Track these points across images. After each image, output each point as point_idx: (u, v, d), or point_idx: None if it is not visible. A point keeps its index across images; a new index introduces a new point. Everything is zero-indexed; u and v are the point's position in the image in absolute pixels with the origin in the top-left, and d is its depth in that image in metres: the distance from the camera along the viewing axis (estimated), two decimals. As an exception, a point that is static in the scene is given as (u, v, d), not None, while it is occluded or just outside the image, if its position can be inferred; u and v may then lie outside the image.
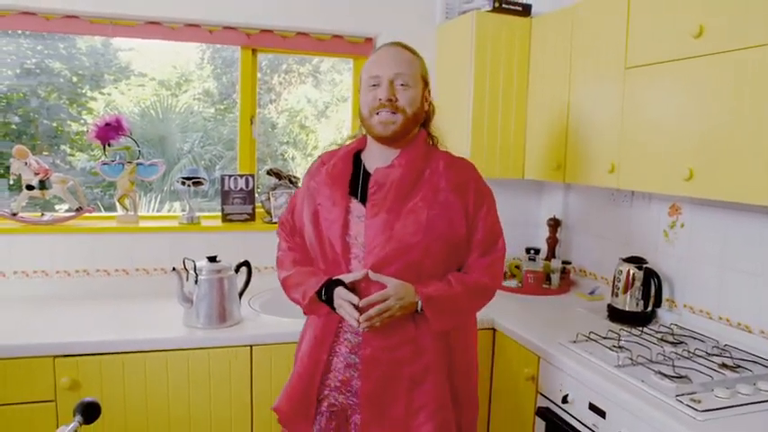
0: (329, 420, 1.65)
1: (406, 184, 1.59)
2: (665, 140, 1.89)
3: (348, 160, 1.69)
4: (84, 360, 1.97)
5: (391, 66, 1.60)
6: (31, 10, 2.52)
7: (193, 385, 2.07)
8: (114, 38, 2.68)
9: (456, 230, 1.60)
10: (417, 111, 1.63)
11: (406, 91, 1.60)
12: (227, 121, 6.56)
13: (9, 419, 1.91)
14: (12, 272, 2.52)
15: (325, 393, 1.65)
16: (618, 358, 1.86)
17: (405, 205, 1.58)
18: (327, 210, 1.65)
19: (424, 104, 1.67)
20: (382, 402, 1.59)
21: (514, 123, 2.61)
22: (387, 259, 1.55)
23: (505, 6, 2.52)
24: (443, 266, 1.62)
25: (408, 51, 1.66)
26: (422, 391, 1.59)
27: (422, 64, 1.67)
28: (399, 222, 1.56)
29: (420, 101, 1.63)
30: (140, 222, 2.68)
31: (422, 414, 1.58)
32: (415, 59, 1.65)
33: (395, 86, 1.59)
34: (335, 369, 1.64)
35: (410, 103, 1.60)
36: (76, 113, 5.92)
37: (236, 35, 2.74)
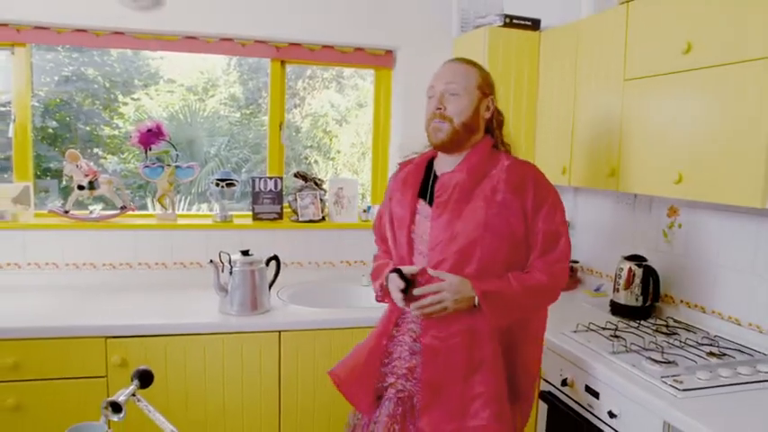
0: (396, 406, 1.76)
1: (468, 187, 1.71)
2: (658, 147, 2.06)
3: (421, 166, 1.86)
4: (131, 341, 2.21)
5: (444, 78, 1.76)
6: (84, 27, 2.77)
7: (227, 366, 2.29)
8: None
9: (514, 229, 1.69)
10: (468, 120, 1.74)
11: (456, 100, 1.72)
12: (253, 125, 6.77)
13: (67, 392, 2.16)
14: (64, 264, 2.78)
15: (393, 381, 1.79)
16: (613, 346, 2.04)
17: (466, 206, 1.70)
18: (398, 211, 1.83)
19: (483, 113, 1.79)
20: (440, 388, 1.69)
21: (524, 130, 2.80)
22: (448, 255, 1.69)
23: (516, 22, 2.71)
24: (504, 265, 1.71)
25: (465, 64, 1.80)
26: (478, 381, 1.67)
27: (480, 75, 1.79)
28: (460, 222, 1.68)
29: (472, 110, 1.74)
30: (178, 220, 2.92)
31: (477, 402, 1.66)
32: (471, 71, 1.78)
33: (445, 97, 1.74)
34: (402, 357, 1.78)
35: (458, 112, 1.72)
36: (109, 118, 6.20)
37: (267, 48, 2.97)
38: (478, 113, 1.77)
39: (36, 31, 2.77)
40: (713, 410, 1.60)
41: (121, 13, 2.75)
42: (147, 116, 6.00)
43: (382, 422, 1.77)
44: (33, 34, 2.77)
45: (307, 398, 2.38)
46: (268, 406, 2.36)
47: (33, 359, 2.14)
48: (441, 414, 1.68)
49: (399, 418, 1.75)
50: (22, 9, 2.68)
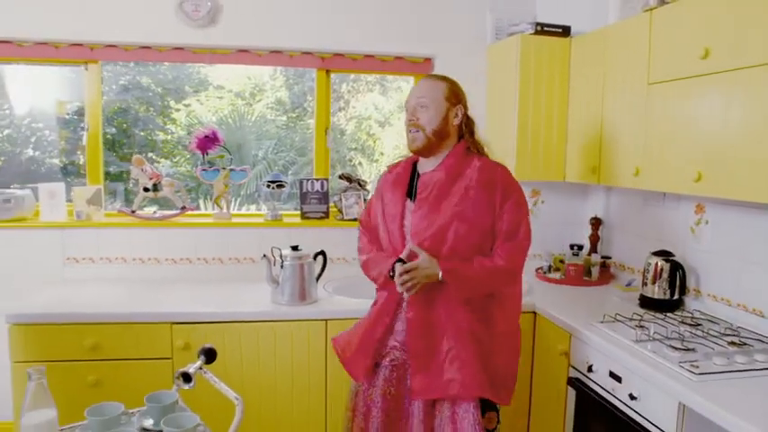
0: (391, 371, 2.07)
1: (445, 184, 1.99)
2: (678, 147, 2.18)
3: (407, 168, 2.14)
4: (193, 327, 2.45)
5: (415, 93, 2.05)
6: (148, 44, 3.05)
7: (278, 351, 2.52)
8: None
9: (483, 219, 1.97)
10: (438, 127, 2.00)
11: (425, 111, 2.00)
12: (299, 128, 7.00)
13: (136, 371, 2.42)
14: (131, 258, 3.06)
15: (388, 351, 2.08)
16: (636, 334, 2.17)
17: (443, 201, 1.98)
18: (390, 207, 2.11)
19: (452, 120, 2.03)
20: (425, 355, 1.98)
21: (556, 132, 2.93)
22: (425, 238, 1.97)
23: (546, 29, 2.85)
24: (474, 249, 1.98)
25: (434, 80, 2.07)
26: (455, 348, 1.95)
27: (447, 88, 2.04)
28: (437, 213, 1.97)
29: (441, 118, 2.00)
30: (232, 219, 3.17)
31: (454, 365, 1.94)
32: (438, 85, 2.04)
33: (417, 109, 2.01)
34: (396, 332, 2.06)
35: (428, 121, 1.99)
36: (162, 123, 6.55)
37: (313, 59, 3.20)
38: (447, 121, 2.02)
39: (106, 49, 3.07)
40: (727, 393, 1.71)
41: (181, 31, 3.02)
42: (197, 121, 6.33)
43: (379, 386, 2.08)
44: (104, 52, 3.07)
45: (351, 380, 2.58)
46: (316, 387, 2.57)
47: (109, 341, 2.42)
48: (425, 376, 1.97)
49: (395, 382, 2.07)
50: (94, 30, 2.97)
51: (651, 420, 1.91)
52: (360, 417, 2.13)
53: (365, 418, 2.11)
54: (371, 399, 2.10)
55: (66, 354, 2.38)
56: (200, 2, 2.99)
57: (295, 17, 3.08)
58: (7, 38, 2.97)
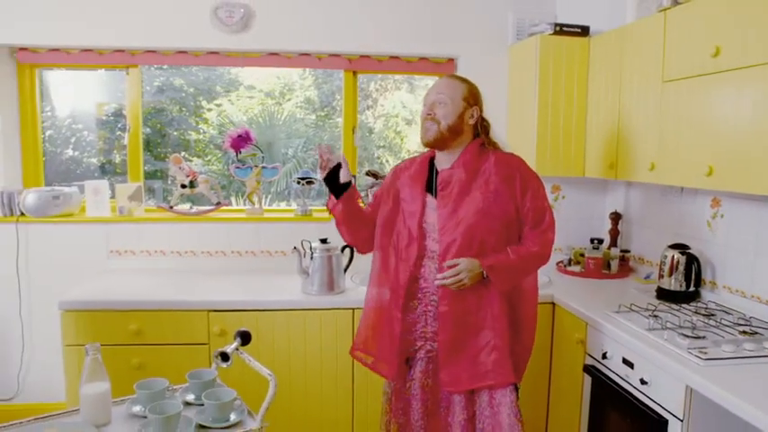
0: (428, 363, 2.15)
1: (466, 181, 2.08)
2: (691, 143, 2.26)
3: (424, 165, 2.21)
4: (228, 315, 2.62)
5: (436, 89, 2.15)
6: (185, 49, 3.23)
7: (308, 337, 2.67)
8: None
9: (507, 211, 2.07)
10: (454, 123, 2.09)
11: (443, 107, 2.09)
12: (328, 126, 7.13)
13: (175, 355, 2.59)
14: (169, 251, 3.26)
15: (422, 344, 2.16)
16: (649, 323, 2.26)
17: (466, 197, 2.07)
18: (408, 203, 2.17)
19: (467, 119, 2.12)
20: (456, 348, 2.07)
21: (575, 129, 3.02)
22: (457, 236, 2.05)
23: (565, 30, 2.94)
24: (503, 240, 2.08)
25: (455, 80, 2.17)
26: (486, 333, 2.07)
27: (466, 89, 2.13)
28: (462, 210, 2.06)
29: (456, 116, 2.09)
30: (264, 214, 3.33)
31: (492, 356, 2.05)
32: (459, 85, 2.13)
33: (435, 105, 2.11)
34: (427, 323, 2.14)
35: (444, 115, 2.08)
36: (195, 123, 6.75)
37: (340, 61, 3.34)
38: (463, 119, 2.11)
39: (146, 54, 3.26)
40: (734, 378, 1.79)
41: (215, 36, 3.19)
42: (228, 120, 6.51)
43: (417, 378, 2.17)
44: (144, 57, 3.26)
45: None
46: (343, 371, 2.72)
47: (151, 327, 2.60)
48: (457, 367, 2.07)
49: (431, 373, 2.16)
50: (134, 36, 3.17)
51: (661, 404, 2.01)
52: (399, 413, 2.22)
53: (404, 413, 2.21)
54: (410, 392, 2.18)
55: (112, 338, 2.57)
56: (234, 8, 3.15)
57: (323, 21, 3.23)
58: (56, 46, 3.18)
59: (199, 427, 1.65)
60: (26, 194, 3.12)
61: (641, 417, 2.09)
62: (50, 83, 3.58)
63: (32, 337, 3.19)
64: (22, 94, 3.30)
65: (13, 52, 3.23)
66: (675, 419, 1.93)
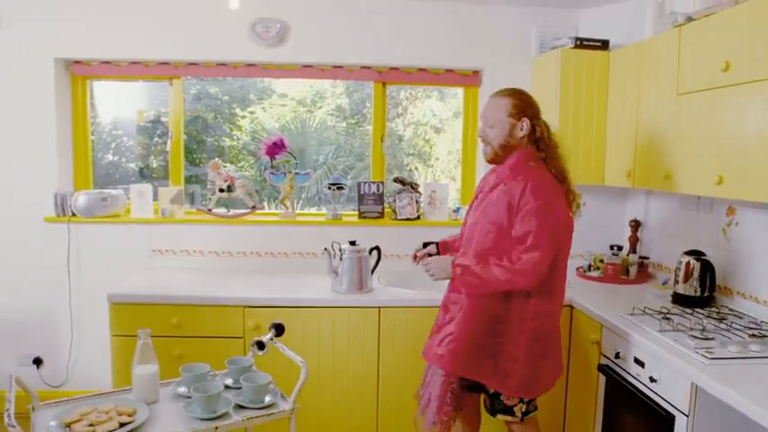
0: None
1: (487, 189, 2.30)
2: (702, 153, 2.37)
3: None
4: (262, 310, 2.80)
5: (483, 113, 2.36)
6: (224, 62, 3.45)
7: (337, 333, 2.83)
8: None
9: (501, 217, 2.19)
10: (504, 141, 2.26)
11: (491, 131, 2.29)
12: (358, 134, 7.28)
13: (212, 347, 2.78)
14: (207, 251, 3.46)
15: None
16: (661, 325, 2.36)
17: (483, 201, 2.29)
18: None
19: (516, 133, 2.25)
20: (437, 325, 2.42)
21: (595, 138, 3.14)
22: (470, 239, 2.33)
23: (585, 43, 3.07)
24: (499, 248, 2.20)
25: (499, 97, 2.32)
26: (450, 326, 2.31)
27: (511, 104, 2.26)
28: (478, 212, 2.31)
29: (505, 134, 2.26)
30: (297, 218, 3.52)
31: (448, 338, 2.29)
32: (502, 102, 2.28)
33: (484, 129, 2.31)
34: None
35: (494, 137, 2.28)
36: (229, 130, 6.98)
37: (370, 73, 3.52)
38: (512, 135, 2.26)
39: (189, 66, 3.48)
40: (737, 376, 1.89)
41: (253, 50, 3.40)
42: (261, 127, 6.72)
43: None
44: (187, 69, 3.49)
45: (400, 361, 2.88)
46: (368, 365, 2.87)
47: (191, 321, 2.80)
48: (431, 341, 2.40)
49: None
50: (177, 50, 3.40)
51: (668, 400, 2.11)
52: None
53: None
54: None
55: (155, 330, 2.69)
56: (270, 24, 3.35)
57: (354, 35, 3.41)
58: (108, 59, 3.43)
59: (237, 407, 1.82)
60: (77, 196, 3.36)
61: (650, 413, 2.20)
62: (96, 91, 3.82)
63: (80, 328, 3.42)
64: (75, 103, 3.55)
65: (69, 65, 3.49)
66: (682, 415, 2.04)
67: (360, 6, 3.40)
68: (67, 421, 1.66)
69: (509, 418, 2.35)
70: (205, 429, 1.71)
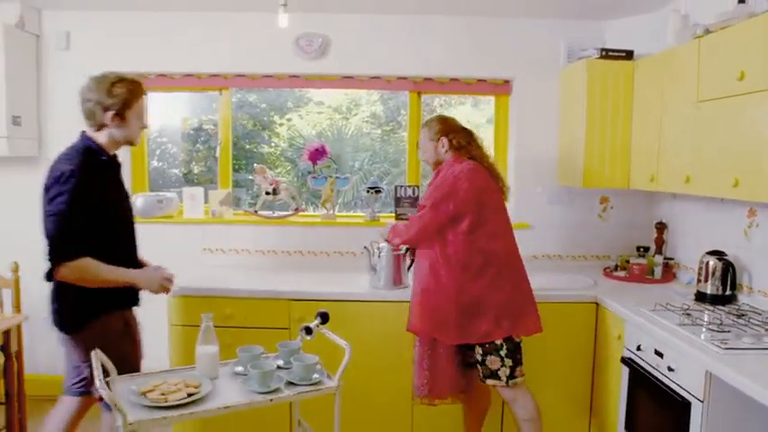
0: None
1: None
2: (720, 157, 2.51)
3: None
4: (306, 304, 3.02)
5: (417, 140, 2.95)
6: (270, 74, 3.71)
7: (375, 325, 3.04)
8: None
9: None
10: (431, 158, 2.84)
11: (422, 153, 2.89)
12: (393, 140, 7.45)
13: (261, 338, 2.93)
14: (254, 250, 3.72)
15: None
16: (680, 319, 2.51)
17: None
18: None
19: (440, 149, 2.79)
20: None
21: (620, 144, 3.28)
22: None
23: (611, 54, 3.22)
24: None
25: (424, 128, 2.89)
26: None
27: (429, 130, 2.83)
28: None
29: (432, 152, 2.81)
30: (337, 219, 3.74)
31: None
32: (425, 131, 2.86)
33: (420, 152, 2.91)
34: None
35: (426, 158, 2.89)
36: (268, 137, 7.26)
37: (406, 83, 3.74)
38: (437, 152, 2.82)
39: (237, 78, 3.75)
40: (749, 365, 2.02)
41: (296, 62, 3.65)
42: (298, 134, 6.97)
43: None
44: (235, 80, 3.76)
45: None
46: (405, 354, 3.04)
47: (241, 313, 3.04)
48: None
49: None
50: (226, 63, 3.67)
51: (684, 387, 2.26)
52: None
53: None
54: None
55: None
56: (313, 38, 3.60)
57: (391, 48, 3.63)
58: (163, 72, 3.72)
59: (288, 384, 2.04)
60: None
61: (668, 400, 2.35)
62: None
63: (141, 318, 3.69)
64: (133, 112, 3.85)
65: (128, 78, 3.79)
66: (697, 401, 2.19)
67: (397, 21, 3.63)
68: (143, 390, 1.91)
69: (496, 382, 2.66)
70: (261, 401, 1.94)
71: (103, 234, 2.30)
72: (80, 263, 2.20)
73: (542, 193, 3.75)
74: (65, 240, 2.19)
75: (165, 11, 3.62)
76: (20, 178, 3.72)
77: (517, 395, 2.69)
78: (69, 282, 2.22)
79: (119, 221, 2.44)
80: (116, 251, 2.36)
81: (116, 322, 2.39)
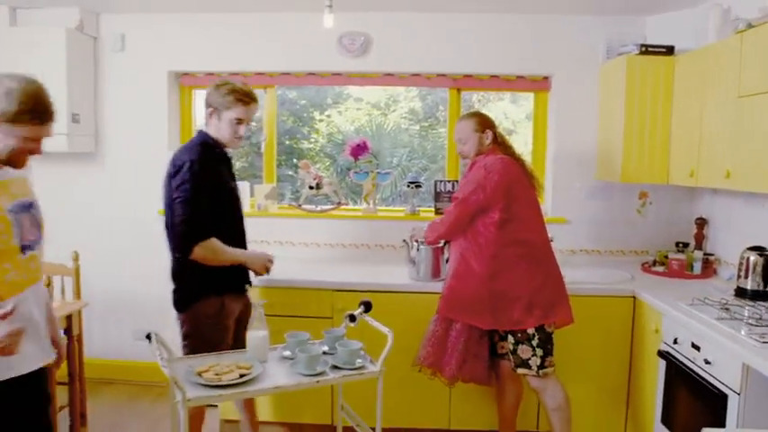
0: None
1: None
2: (759, 152, 2.51)
3: None
4: (349, 294, 3.14)
5: (455, 135, 2.94)
6: (314, 72, 3.83)
7: (416, 315, 3.11)
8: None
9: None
10: (475, 152, 2.84)
11: (464, 145, 2.87)
12: (431, 137, 7.51)
13: (304, 326, 3.05)
14: (298, 242, 3.86)
15: None
16: (718, 314, 2.53)
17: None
18: None
19: (484, 142, 2.83)
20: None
21: (659, 140, 3.29)
22: None
23: (650, 50, 3.23)
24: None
25: (464, 120, 2.91)
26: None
27: (474, 122, 2.86)
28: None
29: (475, 146, 2.83)
30: (378, 213, 3.85)
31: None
32: (467, 123, 2.87)
33: (459, 146, 2.91)
34: None
35: (468, 151, 2.87)
36: (308, 133, 7.40)
37: (446, 80, 3.81)
38: (481, 144, 2.85)
39: (282, 76, 3.88)
40: (784, 357, 2.07)
41: (339, 60, 3.76)
42: (337, 130, 7.10)
43: None
44: (280, 78, 3.89)
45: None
46: (443, 350, 3.15)
47: (286, 302, 3.17)
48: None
49: None
50: (272, 61, 3.81)
51: (721, 380, 2.29)
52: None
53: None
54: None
55: None
56: (355, 37, 3.70)
57: (431, 46, 3.71)
58: (211, 71, 3.88)
59: (333, 367, 2.16)
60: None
61: (705, 392, 2.38)
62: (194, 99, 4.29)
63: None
64: (182, 110, 4.03)
65: (178, 77, 3.97)
66: (734, 394, 2.21)
67: (436, 19, 3.70)
68: (199, 370, 2.04)
69: (527, 371, 2.72)
70: (308, 383, 2.06)
71: (221, 218, 2.56)
72: (211, 242, 2.47)
73: (580, 189, 3.78)
74: (196, 223, 2.44)
75: (213, 12, 3.77)
76: (78, 172, 3.93)
77: (547, 385, 2.76)
78: (200, 260, 2.47)
79: (232, 207, 2.69)
80: (232, 234, 2.63)
81: (211, 306, 2.54)
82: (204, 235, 2.45)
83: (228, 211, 2.64)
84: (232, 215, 2.68)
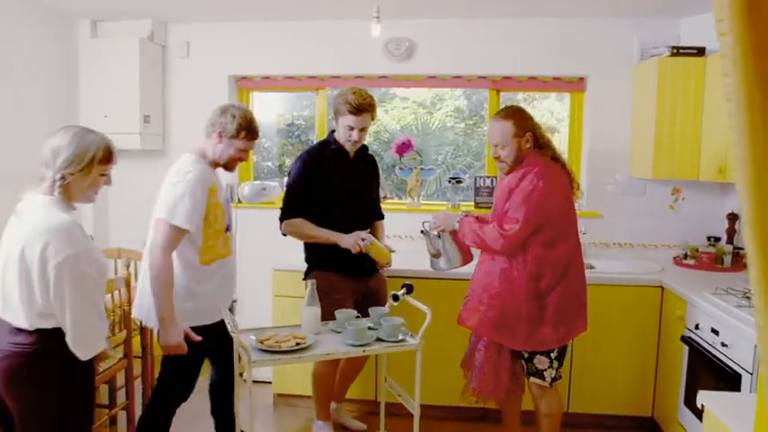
0: None
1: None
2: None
3: None
4: (393, 280, 3.40)
5: (491, 138, 2.73)
6: (361, 74, 4.12)
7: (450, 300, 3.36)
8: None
9: (502, 204, 2.68)
10: (514, 158, 2.65)
11: (502, 150, 2.67)
12: (476, 134, 7.63)
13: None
14: (346, 234, 4.14)
15: None
16: (739, 302, 2.69)
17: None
18: None
19: (523, 146, 2.63)
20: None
21: (690, 138, 3.44)
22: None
23: (682, 51, 3.39)
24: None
25: (501, 120, 2.68)
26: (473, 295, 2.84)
27: (513, 124, 2.63)
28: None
29: (514, 151, 2.63)
30: (422, 207, 4.11)
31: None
32: (506, 125, 2.64)
33: (497, 150, 2.68)
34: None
35: (506, 156, 2.66)
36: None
37: (486, 82, 4.04)
38: (521, 149, 2.65)
39: (332, 78, 4.18)
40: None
41: (385, 64, 4.04)
42: (383, 129, 7.34)
43: None
44: (331, 81, 4.20)
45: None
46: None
47: (335, 286, 3.45)
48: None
49: None
50: (323, 65, 4.11)
51: (736, 361, 2.47)
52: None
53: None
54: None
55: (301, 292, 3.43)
56: (400, 42, 3.97)
57: (471, 50, 3.95)
58: (267, 74, 4.22)
59: (377, 340, 2.43)
60: (243, 186, 4.16)
61: (722, 373, 2.56)
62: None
63: (245, 290, 4.22)
64: (241, 111, 4.38)
65: (237, 81, 4.31)
66: (747, 373, 2.39)
67: (475, 24, 3.93)
68: (261, 339, 2.35)
69: (539, 381, 2.70)
70: (355, 352, 2.35)
71: (325, 205, 3.04)
72: (293, 221, 3.05)
73: (614, 184, 3.95)
74: (286, 204, 3.08)
75: (269, 21, 4.09)
76: (149, 167, 4.31)
77: (547, 392, 2.74)
78: (289, 235, 3.11)
79: (339, 196, 3.07)
80: (339, 218, 3.04)
81: (320, 279, 2.76)
82: (289, 215, 3.04)
83: (333, 198, 3.05)
84: (336, 203, 3.06)
